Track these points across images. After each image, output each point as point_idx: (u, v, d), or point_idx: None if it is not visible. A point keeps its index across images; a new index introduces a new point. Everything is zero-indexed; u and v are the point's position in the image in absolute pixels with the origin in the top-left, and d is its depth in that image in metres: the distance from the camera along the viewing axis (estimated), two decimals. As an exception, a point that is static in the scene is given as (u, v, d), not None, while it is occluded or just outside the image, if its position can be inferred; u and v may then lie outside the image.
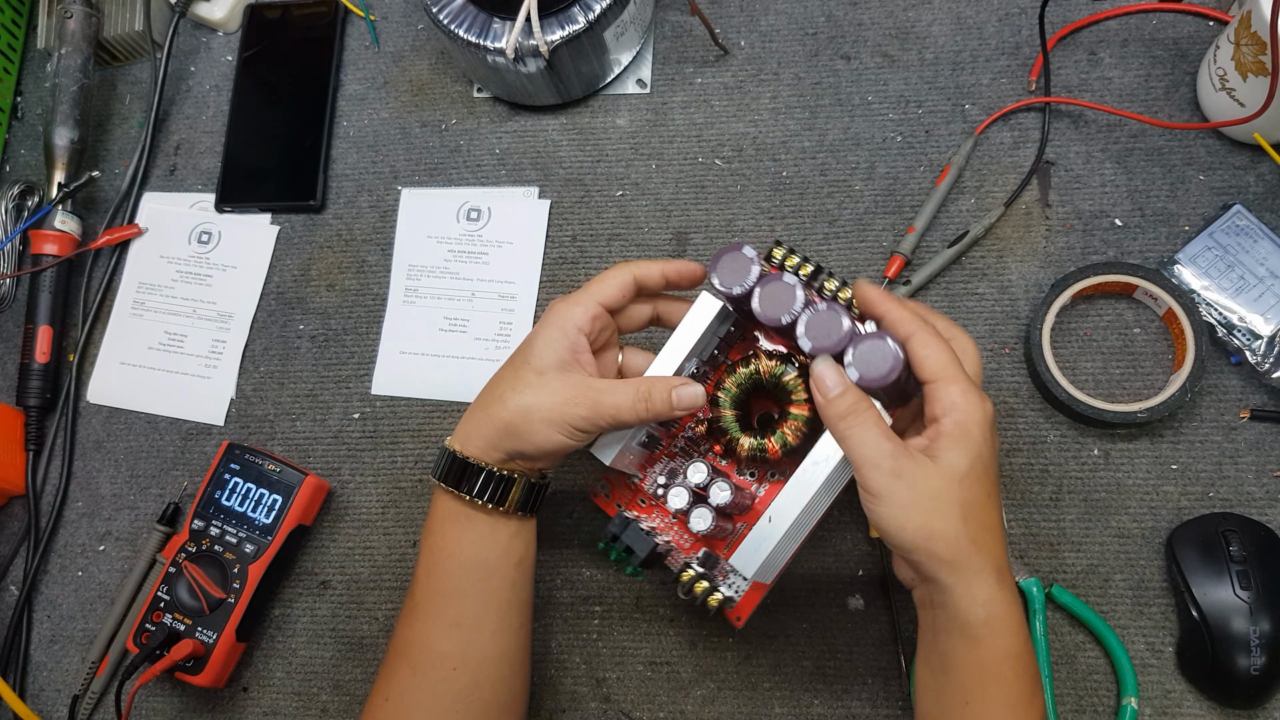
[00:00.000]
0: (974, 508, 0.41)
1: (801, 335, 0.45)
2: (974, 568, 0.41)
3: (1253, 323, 0.56)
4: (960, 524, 0.41)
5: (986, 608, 0.41)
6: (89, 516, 0.67)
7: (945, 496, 0.41)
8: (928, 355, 0.43)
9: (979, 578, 0.41)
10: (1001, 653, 0.41)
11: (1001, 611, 0.41)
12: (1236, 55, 0.55)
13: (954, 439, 0.41)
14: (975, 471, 0.41)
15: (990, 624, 0.41)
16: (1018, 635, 0.41)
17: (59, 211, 0.69)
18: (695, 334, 0.49)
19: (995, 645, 0.41)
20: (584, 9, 0.60)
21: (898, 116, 0.64)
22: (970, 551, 0.41)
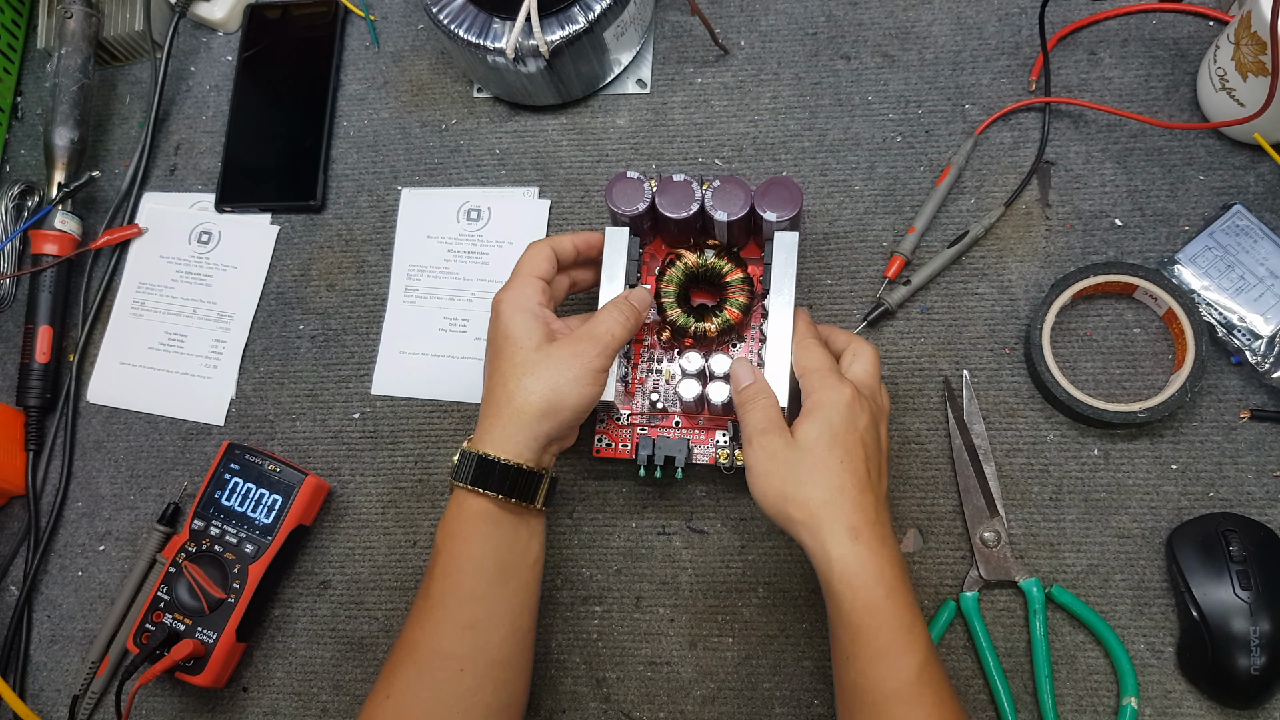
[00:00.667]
0: (823, 472, 0.46)
1: (712, 208, 0.55)
2: (825, 528, 0.45)
3: (1253, 323, 0.56)
4: (809, 488, 0.46)
5: (840, 564, 0.45)
6: (89, 516, 0.67)
7: (797, 465, 0.47)
8: (799, 357, 0.52)
9: (831, 537, 0.45)
10: (861, 606, 0.44)
11: (855, 567, 0.44)
12: (1236, 55, 0.55)
13: (810, 416, 0.48)
14: (824, 441, 0.47)
15: (845, 579, 0.44)
16: (875, 589, 0.44)
17: (59, 211, 0.69)
18: (621, 262, 0.56)
19: (854, 600, 0.44)
20: (584, 9, 0.60)
21: (898, 116, 0.64)
22: (820, 513, 0.46)
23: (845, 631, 0.45)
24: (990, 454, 0.58)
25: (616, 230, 0.57)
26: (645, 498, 0.60)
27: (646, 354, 0.60)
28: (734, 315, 0.56)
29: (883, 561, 0.45)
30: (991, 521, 0.56)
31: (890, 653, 0.44)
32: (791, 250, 0.56)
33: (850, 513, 0.46)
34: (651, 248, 0.61)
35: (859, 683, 0.45)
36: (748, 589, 0.58)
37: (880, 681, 0.44)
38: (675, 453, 0.57)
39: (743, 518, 0.59)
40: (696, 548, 0.59)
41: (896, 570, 0.45)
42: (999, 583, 0.56)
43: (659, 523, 0.60)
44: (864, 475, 0.47)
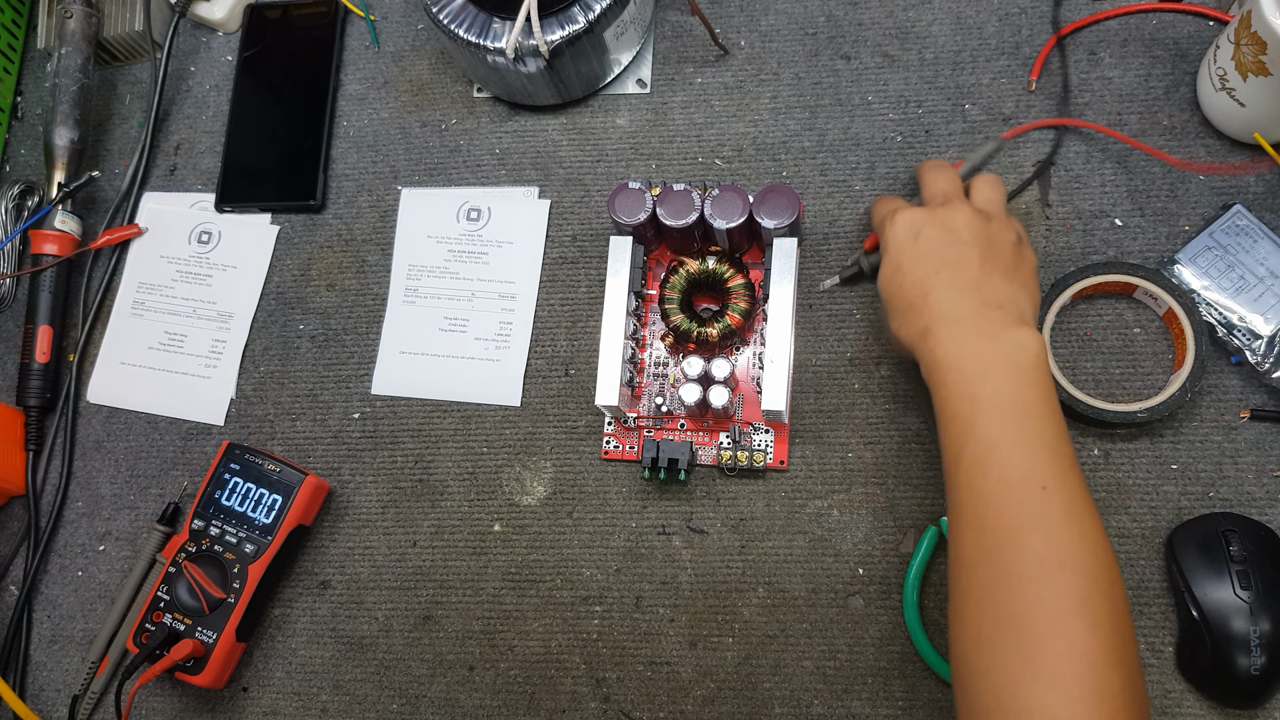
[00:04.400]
0: (896, 289, 0.51)
1: (711, 217, 0.57)
2: (915, 332, 0.49)
3: (1253, 323, 0.56)
4: (892, 303, 0.51)
5: (929, 360, 0.48)
6: (89, 516, 0.67)
7: (884, 288, 0.52)
8: (874, 213, 0.56)
9: (919, 339, 0.49)
10: (948, 393, 0.47)
11: (941, 361, 0.47)
12: (1236, 55, 0.55)
13: (881, 251, 0.53)
14: (889, 267, 0.51)
15: (935, 373, 0.48)
16: (948, 364, 0.47)
17: (59, 211, 0.69)
18: (625, 270, 0.58)
19: (943, 391, 0.47)
20: (584, 9, 0.60)
21: (898, 116, 0.64)
22: (908, 320, 0.50)
23: (941, 415, 0.47)
24: None
25: (620, 239, 0.59)
26: (645, 498, 0.60)
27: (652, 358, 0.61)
28: (735, 320, 0.58)
29: (969, 357, 0.46)
30: None
31: (967, 431, 0.45)
32: (790, 256, 0.57)
33: (925, 319, 0.48)
34: (656, 254, 0.63)
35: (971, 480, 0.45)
36: (748, 589, 0.58)
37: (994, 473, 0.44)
38: (679, 455, 0.58)
39: (743, 518, 0.59)
40: (696, 548, 0.59)
41: (984, 362, 0.46)
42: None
43: (659, 523, 0.60)
44: (935, 284, 0.49)
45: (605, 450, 0.61)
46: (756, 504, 0.59)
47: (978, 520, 0.43)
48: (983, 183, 0.54)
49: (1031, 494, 0.42)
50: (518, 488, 0.62)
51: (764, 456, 0.59)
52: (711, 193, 0.58)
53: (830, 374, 0.60)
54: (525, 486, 0.62)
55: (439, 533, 0.62)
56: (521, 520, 0.61)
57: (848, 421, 0.60)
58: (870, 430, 0.59)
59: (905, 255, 0.51)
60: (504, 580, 0.61)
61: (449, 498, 0.63)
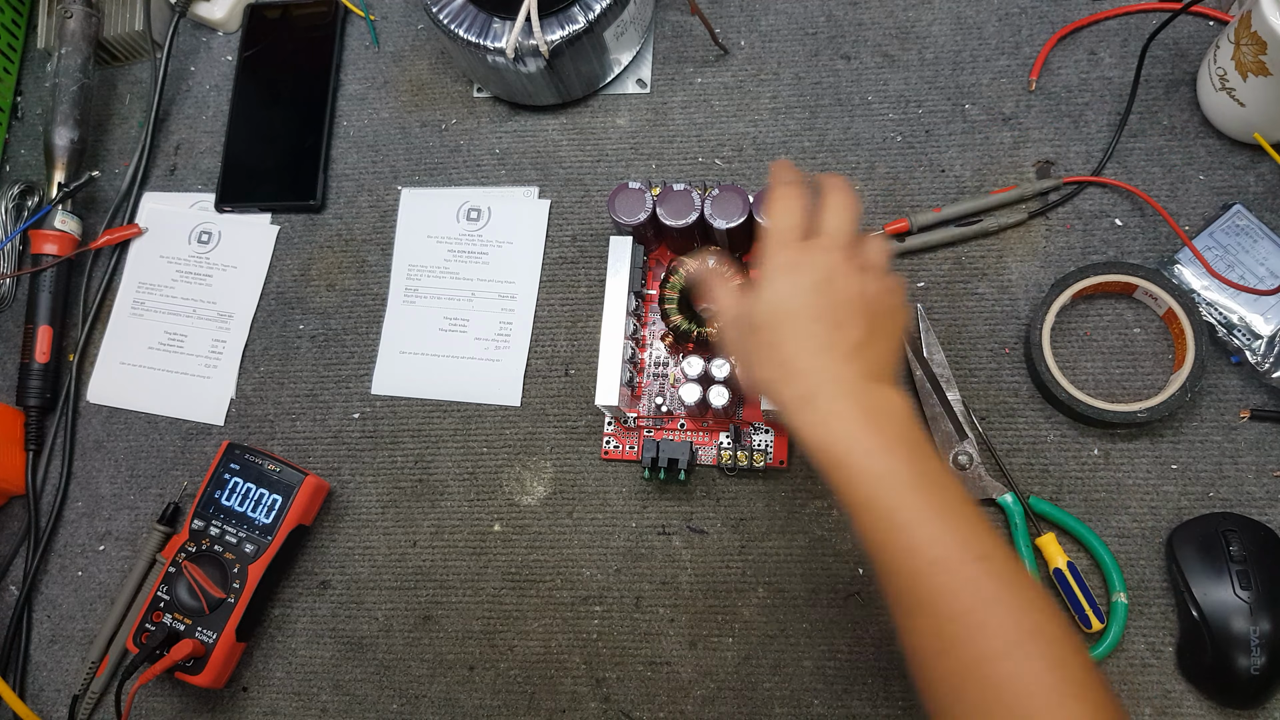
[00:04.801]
0: (770, 340, 0.46)
1: (711, 217, 0.57)
2: (794, 398, 0.45)
3: (1253, 323, 0.56)
4: (761, 351, 0.46)
5: (818, 439, 0.44)
6: (89, 516, 0.67)
7: (759, 326, 0.47)
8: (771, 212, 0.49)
9: (800, 406, 0.45)
10: (851, 475, 0.43)
11: (836, 441, 0.43)
12: (1236, 55, 0.55)
13: (762, 279, 0.47)
14: (769, 308, 0.46)
15: (828, 453, 0.43)
16: (829, 451, 0.43)
17: (59, 211, 0.69)
18: (625, 270, 0.58)
19: (842, 473, 0.43)
20: (584, 9, 0.60)
21: (898, 116, 0.64)
22: (786, 383, 0.45)
23: (830, 486, 0.44)
24: (953, 380, 0.58)
25: (620, 239, 0.59)
26: (645, 498, 0.60)
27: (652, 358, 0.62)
28: None
29: (821, 429, 0.43)
30: (963, 444, 0.57)
31: (860, 502, 0.42)
32: None
33: (786, 392, 0.45)
34: (656, 254, 0.63)
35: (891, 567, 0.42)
36: (748, 589, 0.58)
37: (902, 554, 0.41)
38: (679, 455, 0.58)
39: (742, 518, 0.59)
40: (696, 548, 0.59)
41: (838, 429, 0.43)
42: (977, 502, 0.57)
43: (659, 523, 0.60)
44: (786, 353, 0.45)
45: (605, 450, 0.61)
46: (756, 504, 0.59)
47: (928, 607, 0.41)
48: (873, 241, 0.50)
49: (973, 570, 0.40)
50: (518, 488, 0.62)
51: (764, 457, 0.59)
52: (711, 193, 0.58)
53: (830, 374, 0.60)
54: (525, 486, 0.62)
55: (439, 533, 0.62)
56: (521, 520, 0.61)
57: (848, 421, 0.59)
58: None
59: (787, 304, 0.46)
60: (504, 580, 0.61)
61: (449, 498, 0.63)
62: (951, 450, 0.57)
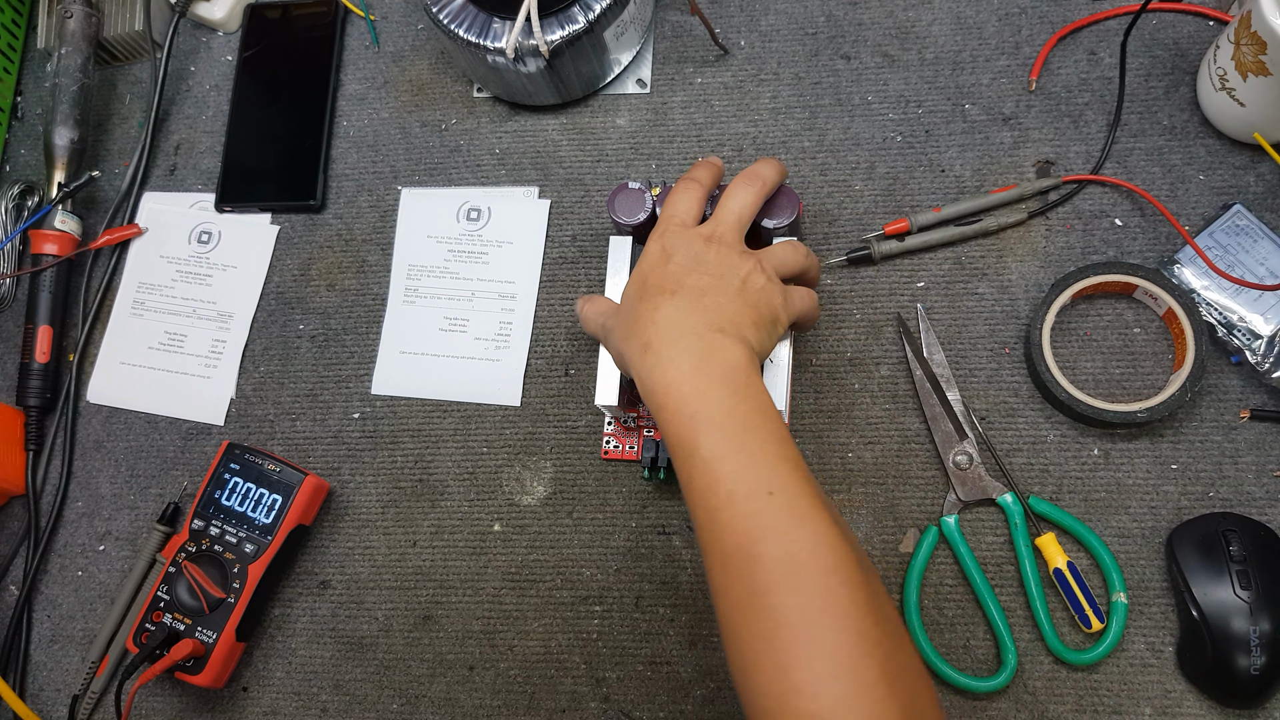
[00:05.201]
0: (633, 301, 0.49)
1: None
2: (636, 347, 0.47)
3: (1253, 323, 0.56)
4: (623, 314, 0.49)
5: (647, 381, 0.46)
6: (89, 516, 0.67)
7: (623, 297, 0.51)
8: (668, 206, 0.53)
9: (639, 355, 0.47)
10: (671, 415, 0.44)
11: (659, 382, 0.45)
12: (1236, 55, 0.55)
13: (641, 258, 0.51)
14: (635, 276, 0.50)
15: (655, 395, 0.45)
16: (654, 394, 0.45)
17: (59, 211, 0.69)
18: (625, 270, 0.57)
19: (664, 413, 0.45)
20: (584, 9, 0.60)
21: (898, 116, 0.64)
22: (633, 335, 0.47)
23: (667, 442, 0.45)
24: (952, 380, 0.58)
25: (620, 239, 0.58)
26: (645, 498, 0.60)
27: None
28: None
29: (662, 379, 0.45)
30: (962, 444, 0.57)
31: (683, 450, 0.43)
32: None
33: (643, 335, 0.47)
34: None
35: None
36: (748, 589, 0.58)
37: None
38: None
39: (743, 518, 0.59)
40: (696, 548, 0.59)
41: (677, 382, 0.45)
42: (977, 502, 0.57)
43: (659, 523, 0.60)
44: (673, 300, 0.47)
45: (605, 450, 0.61)
46: (756, 504, 0.59)
47: (718, 542, 0.42)
48: (783, 244, 0.52)
49: (759, 504, 0.41)
50: (518, 488, 0.62)
51: None
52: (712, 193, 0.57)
53: (830, 374, 0.60)
54: (525, 486, 0.62)
55: (439, 533, 0.62)
56: (521, 520, 0.61)
57: (847, 421, 0.60)
58: (870, 430, 0.59)
59: (649, 276, 0.49)
60: (504, 580, 0.61)
61: (449, 498, 0.63)
62: (951, 450, 0.57)
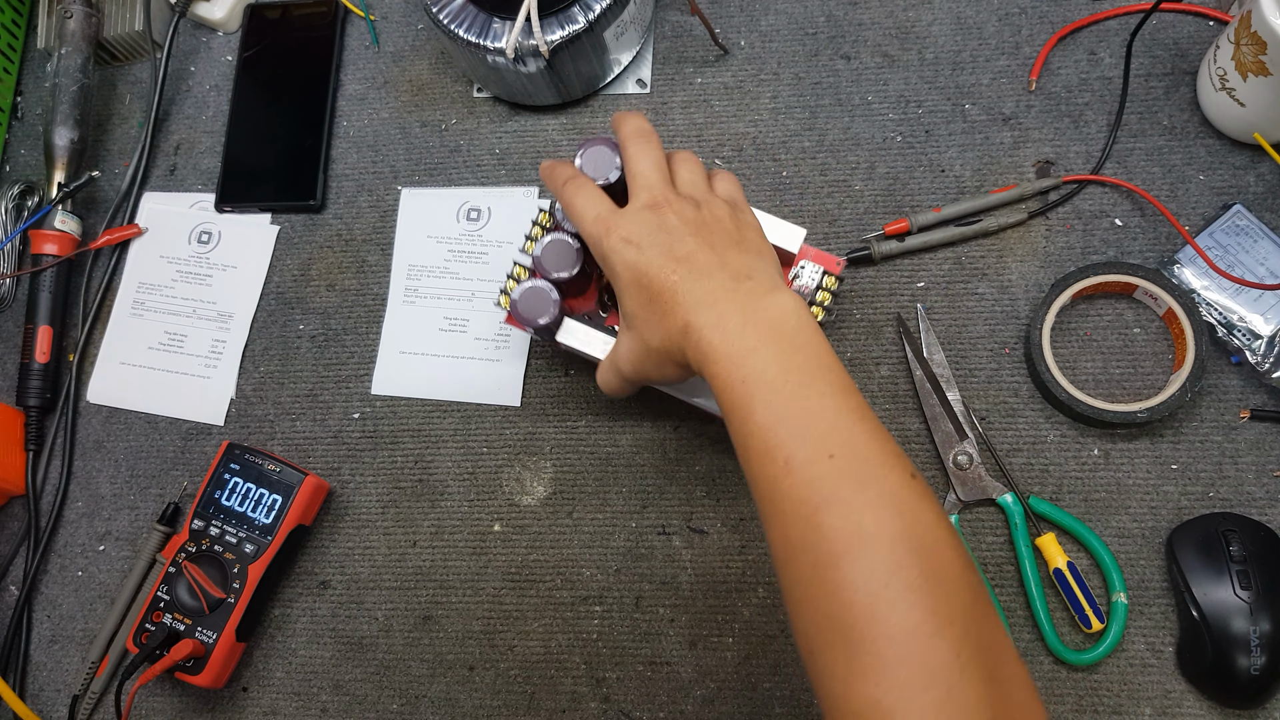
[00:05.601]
0: (643, 302, 0.46)
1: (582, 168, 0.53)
2: (675, 332, 0.45)
3: (1253, 323, 0.56)
4: (641, 318, 0.46)
5: (696, 355, 0.44)
6: (89, 516, 0.67)
7: (630, 307, 0.47)
8: (581, 222, 0.49)
9: (681, 337, 0.45)
10: (722, 383, 0.42)
11: (707, 351, 0.43)
12: (1236, 55, 0.55)
13: (609, 275, 0.48)
14: (628, 284, 0.47)
15: (705, 365, 0.43)
16: (704, 365, 0.43)
17: (59, 211, 0.69)
18: None
19: (716, 381, 0.43)
20: (584, 9, 0.60)
21: (898, 116, 0.64)
22: (664, 325, 0.45)
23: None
24: (952, 380, 0.58)
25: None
26: (645, 497, 0.60)
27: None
28: None
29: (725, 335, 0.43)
30: (962, 444, 0.57)
31: (739, 410, 0.41)
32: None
33: (677, 317, 0.44)
34: None
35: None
36: (748, 589, 0.58)
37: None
38: None
39: (742, 518, 0.59)
40: (696, 548, 0.59)
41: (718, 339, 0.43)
42: (977, 502, 0.57)
43: (659, 523, 0.60)
44: (680, 274, 0.45)
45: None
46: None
47: (779, 513, 0.39)
48: (680, 163, 0.50)
49: (820, 469, 0.38)
50: (518, 488, 0.62)
51: None
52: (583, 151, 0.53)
53: (830, 374, 0.60)
54: (525, 486, 0.62)
55: (439, 533, 0.62)
56: (521, 520, 0.61)
57: (848, 421, 0.59)
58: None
59: (636, 269, 0.46)
60: (504, 580, 0.61)
61: (449, 498, 0.63)
62: (951, 450, 0.57)
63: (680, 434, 0.61)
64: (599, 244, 0.48)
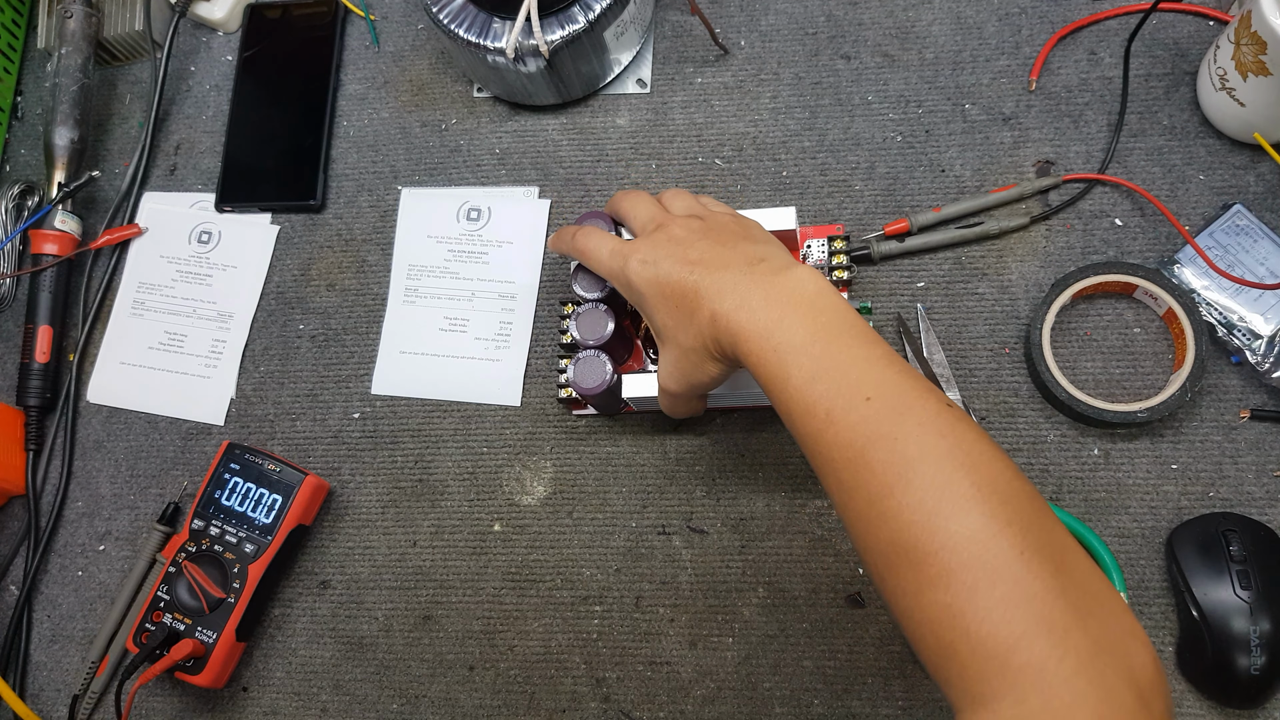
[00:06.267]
0: (670, 312, 0.48)
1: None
2: (705, 324, 0.46)
3: (1253, 323, 0.56)
4: (673, 328, 0.49)
5: (728, 338, 0.45)
6: (89, 516, 0.67)
7: (661, 322, 0.49)
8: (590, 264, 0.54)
9: (711, 327, 0.46)
10: (757, 357, 0.44)
11: (738, 331, 0.45)
12: (1236, 55, 0.55)
13: (635, 302, 0.51)
14: (655, 302, 0.49)
15: (739, 345, 0.45)
16: (739, 346, 0.45)
17: (59, 211, 0.69)
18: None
19: (751, 358, 0.45)
20: (584, 9, 0.60)
21: (898, 116, 0.64)
22: (694, 323, 0.47)
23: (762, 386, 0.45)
24: (952, 380, 0.58)
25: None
26: (645, 497, 0.60)
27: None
28: None
29: (751, 313, 0.44)
30: None
31: (777, 383, 0.43)
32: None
33: (703, 311, 0.46)
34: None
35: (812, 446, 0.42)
36: (748, 589, 0.58)
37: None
38: None
39: (742, 518, 0.59)
40: (696, 548, 0.59)
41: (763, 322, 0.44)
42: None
43: (659, 523, 0.60)
44: (696, 273, 0.47)
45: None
46: (756, 504, 0.59)
47: (828, 461, 0.41)
48: (672, 197, 0.54)
49: (860, 412, 0.40)
50: (518, 488, 0.62)
51: None
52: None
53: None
54: (525, 486, 0.62)
55: (439, 533, 0.62)
56: (521, 520, 0.61)
57: (848, 421, 0.60)
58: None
59: (658, 282, 0.49)
60: (504, 580, 0.61)
61: (449, 498, 0.63)
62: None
63: (680, 434, 0.61)
64: (620, 274, 0.51)
